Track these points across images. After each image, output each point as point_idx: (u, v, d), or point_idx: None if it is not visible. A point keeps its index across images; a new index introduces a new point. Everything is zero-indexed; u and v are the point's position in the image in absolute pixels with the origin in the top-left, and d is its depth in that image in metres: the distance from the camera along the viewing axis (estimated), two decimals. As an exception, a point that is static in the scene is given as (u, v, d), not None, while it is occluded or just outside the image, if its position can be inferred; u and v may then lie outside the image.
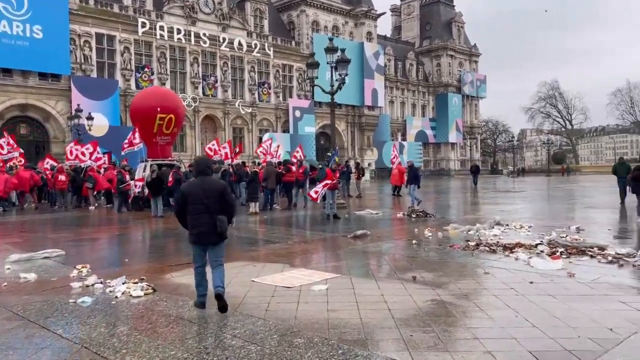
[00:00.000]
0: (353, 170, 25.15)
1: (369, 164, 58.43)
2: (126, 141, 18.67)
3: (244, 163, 17.67)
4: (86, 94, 37.92)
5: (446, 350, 4.04)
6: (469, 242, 9.36)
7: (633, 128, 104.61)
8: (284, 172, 17.41)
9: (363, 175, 25.79)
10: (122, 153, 19.28)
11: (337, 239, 11.03)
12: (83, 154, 19.37)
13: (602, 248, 8.19)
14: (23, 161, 21.34)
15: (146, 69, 43.04)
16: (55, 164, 20.56)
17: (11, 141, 20.72)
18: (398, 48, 67.68)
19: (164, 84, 43.85)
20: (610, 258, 7.53)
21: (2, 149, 20.59)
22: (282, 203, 18.66)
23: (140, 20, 42.34)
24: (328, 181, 13.73)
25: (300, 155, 20.92)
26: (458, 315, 5.02)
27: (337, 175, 14.36)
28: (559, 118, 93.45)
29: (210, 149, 19.90)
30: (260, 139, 44.82)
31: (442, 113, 70.24)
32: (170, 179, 16.04)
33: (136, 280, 6.63)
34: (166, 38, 43.90)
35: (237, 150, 21.41)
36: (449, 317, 4.96)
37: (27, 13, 35.83)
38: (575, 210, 16.89)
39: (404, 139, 64.54)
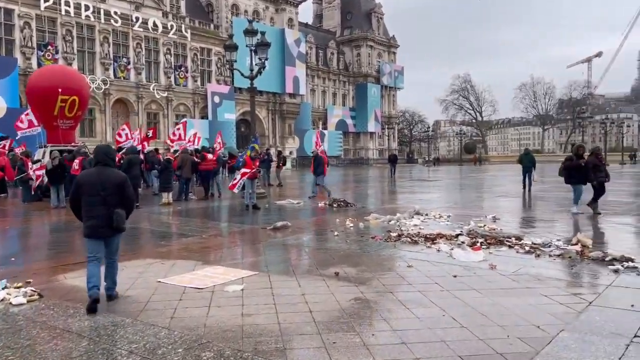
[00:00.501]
0: (274, 158, 24.58)
1: (291, 152, 58.07)
2: (19, 123, 16.83)
3: (156, 150, 16.48)
4: (-25, 71, 34.50)
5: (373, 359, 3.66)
6: (391, 233, 9.17)
7: (535, 121, 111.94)
8: (199, 160, 16.47)
9: (284, 164, 25.30)
10: (17, 137, 17.41)
11: (256, 231, 10.47)
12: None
13: (519, 238, 8.27)
14: None
15: (50, 47, 39.76)
16: None
17: None
18: (319, 36, 67.55)
19: (70, 63, 40.76)
20: (527, 248, 7.58)
21: None
22: (199, 193, 17.76)
23: (42, -7, 38.97)
24: (247, 170, 13.06)
25: (220, 143, 19.95)
26: (384, 315, 4.67)
27: (257, 163, 13.74)
28: (470, 110, 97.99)
29: (119, 134, 18.49)
30: (176, 124, 42.96)
31: (362, 103, 71.22)
32: (76, 167, 14.72)
33: (20, 284, 5.73)
34: (72, 15, 40.79)
35: (150, 135, 20.05)
36: (374, 319, 4.61)
37: None
38: (489, 199, 17.45)
39: (325, 128, 64.76)
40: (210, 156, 16.58)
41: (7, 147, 18.59)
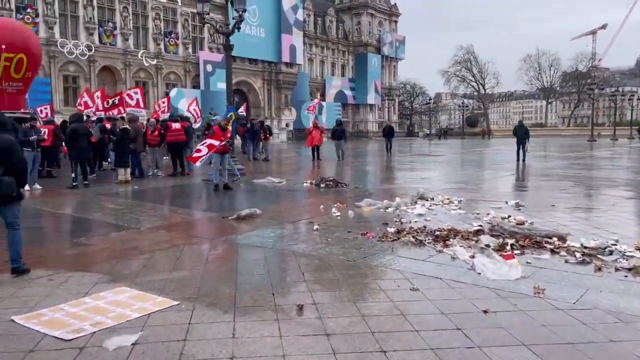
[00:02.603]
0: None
1: (287, 125, 55.65)
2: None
3: (110, 118, 14.18)
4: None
5: None
6: (388, 228, 6.97)
7: (539, 94, 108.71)
8: (163, 130, 14.12)
9: (270, 134, 22.93)
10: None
11: (213, 221, 8.25)
12: None
13: (562, 238, 6.06)
14: None
15: (29, 10, 37.00)
16: None
17: None
18: (317, 3, 64.19)
19: (51, 28, 38.24)
20: (579, 255, 5.39)
21: None
22: (167, 168, 15.52)
23: (19, -51, 36.06)
24: (214, 142, 10.73)
25: (195, 110, 17.61)
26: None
27: (228, 135, 11.46)
28: (473, 82, 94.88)
29: (80, 102, 16.27)
30: (167, 94, 40.50)
31: (362, 73, 68.33)
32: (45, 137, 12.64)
33: None
34: (53, -26, 37.90)
35: (116, 101, 17.64)
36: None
37: None
38: (501, 178, 15.18)
39: (323, 99, 62.02)
40: (175, 126, 14.22)
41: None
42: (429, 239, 6.24)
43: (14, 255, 5.08)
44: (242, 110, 26.58)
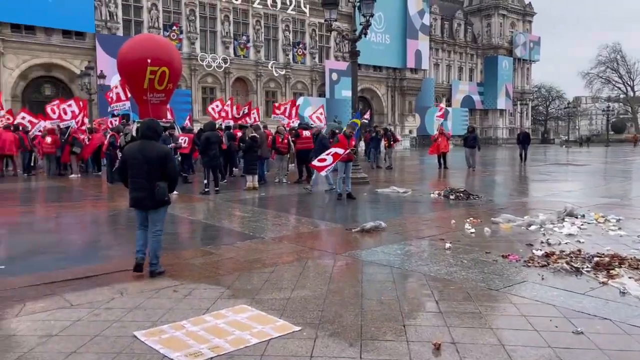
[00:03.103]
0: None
1: (410, 131, 54.60)
2: (111, 96, 15.99)
3: (241, 126, 14.56)
4: (112, 53, 35.57)
5: None
6: (534, 250, 6.10)
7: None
8: (293, 138, 14.21)
9: (395, 142, 22.17)
10: (109, 110, 16.62)
11: (337, 234, 7.92)
12: (65, 112, 16.73)
13: None
14: (12, 119, 18.83)
15: (175, 27, 40.42)
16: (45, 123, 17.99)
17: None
18: (445, 7, 62.30)
19: (193, 43, 41.37)
20: None
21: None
22: (293, 176, 15.62)
23: (168, -26, 39.54)
24: (339, 150, 10.47)
25: (317, 118, 17.65)
26: None
27: (352, 143, 11.13)
28: (619, 84, 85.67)
29: (214, 109, 17.12)
30: (294, 103, 41.74)
31: (491, 77, 64.91)
32: (185, 145, 13.45)
33: None
34: (195, -6, 41.00)
35: (245, 111, 18.32)
36: None
37: (50, -34, 33.43)
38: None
39: (449, 105, 59.88)
40: (306, 133, 14.24)
41: (110, 125, 17.86)
42: (586, 267, 5.30)
43: (154, 260, 5.38)
44: (366, 117, 26.36)
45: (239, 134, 15.32)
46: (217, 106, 17.21)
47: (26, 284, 5.09)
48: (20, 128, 18.44)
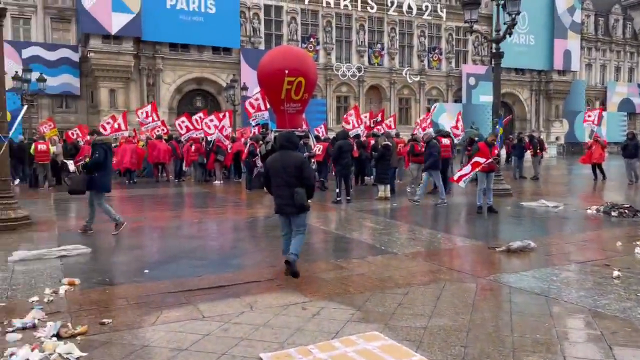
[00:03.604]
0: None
1: (557, 138, 50.23)
2: (249, 107, 16.69)
3: (374, 134, 14.16)
4: (254, 66, 37.78)
5: None
6: None
7: None
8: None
9: (541, 150, 20.06)
10: (250, 120, 17.39)
11: (478, 252, 7.20)
12: (208, 126, 17.85)
13: None
14: (166, 130, 20.64)
15: (312, 39, 41.79)
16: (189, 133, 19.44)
17: (150, 112, 20.13)
18: (600, 2, 56.46)
19: (329, 54, 42.38)
20: None
21: (147, 117, 20.18)
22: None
23: (306, -12, 41.04)
24: (480, 159, 9.66)
25: (459, 125, 16.72)
26: None
27: (495, 151, 10.20)
28: None
29: (346, 120, 17.21)
30: (428, 109, 40.68)
31: (656, 77, 57.37)
32: (319, 152, 13.65)
33: (74, 330, 3.99)
34: (332, 5, 42.05)
35: (379, 119, 18.03)
36: None
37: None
38: None
39: (604, 109, 54.04)
40: (445, 141, 13.46)
41: (248, 134, 18.74)
42: None
43: (293, 250, 5.78)
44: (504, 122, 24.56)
45: (372, 142, 15.08)
46: (350, 115, 17.17)
47: (166, 290, 5.26)
48: (174, 137, 20.12)
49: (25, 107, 11.05)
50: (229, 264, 6.52)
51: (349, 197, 12.27)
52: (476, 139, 13.53)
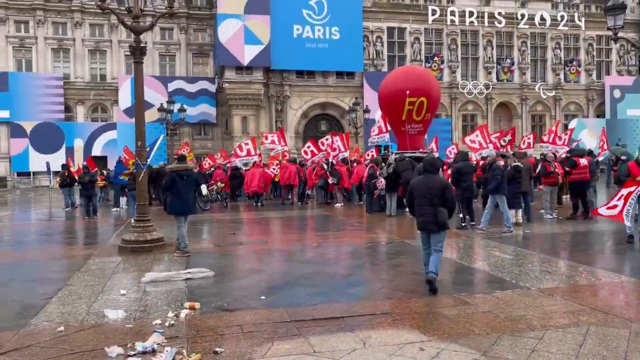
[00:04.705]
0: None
1: None
2: (372, 132, 16.62)
3: (503, 155, 13.15)
4: (376, 88, 38.02)
5: None
6: None
7: None
8: (568, 167, 12.24)
9: None
10: (369, 143, 17.26)
11: (630, 290, 6.18)
12: (332, 147, 18.03)
13: None
14: (288, 156, 21.39)
15: (436, 58, 41.12)
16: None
17: (276, 139, 20.96)
18: None
19: (454, 72, 41.41)
20: None
21: (275, 143, 21.01)
22: (564, 210, 13.53)
23: (430, 8, 40.75)
24: (630, 189, 8.37)
25: (604, 145, 14.95)
26: None
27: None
28: None
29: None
30: (566, 126, 37.55)
31: None
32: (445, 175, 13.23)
33: (188, 357, 4.00)
34: (457, 23, 41.14)
35: (509, 138, 16.82)
36: None
37: (327, 17, 37.81)
38: None
39: None
40: (583, 162, 12.10)
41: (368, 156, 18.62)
42: None
43: (432, 269, 6.18)
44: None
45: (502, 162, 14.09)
46: (476, 136, 16.27)
47: (279, 319, 5.19)
48: (298, 161, 20.69)
49: (162, 136, 11.97)
50: (344, 293, 6.31)
51: (473, 223, 11.48)
52: (623, 157, 11.98)
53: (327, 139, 19.25)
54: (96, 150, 36.13)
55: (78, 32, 37.98)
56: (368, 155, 16.47)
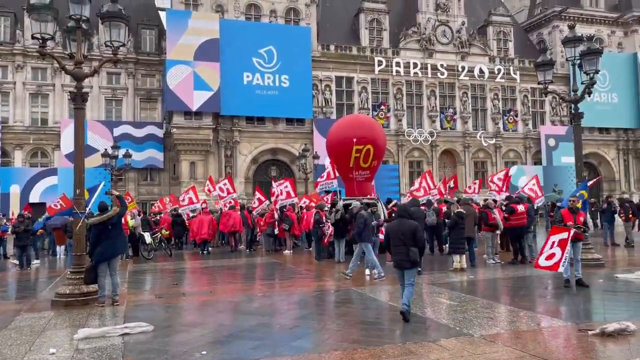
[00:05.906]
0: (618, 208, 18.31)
1: (649, 200, 46.48)
2: (323, 175, 16.81)
3: (446, 201, 13.53)
4: (326, 134, 38.60)
5: None
6: None
7: None
8: (507, 213, 12.74)
9: (635, 215, 18.09)
10: (317, 189, 17.42)
11: (567, 335, 6.35)
12: (281, 192, 18.03)
13: None
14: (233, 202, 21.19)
15: (382, 106, 42.42)
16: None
17: (228, 185, 20.82)
18: (688, 54, 53.33)
19: (400, 120, 42.70)
20: None
21: (223, 191, 20.84)
22: (504, 256, 13.93)
23: (376, 59, 42.34)
24: (560, 236, 8.71)
25: (529, 190, 15.74)
26: None
27: (580, 218, 9.33)
28: None
29: (417, 189, 16.89)
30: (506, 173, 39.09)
31: None
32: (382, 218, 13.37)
33: None
34: (402, 73, 42.83)
35: (451, 185, 17.43)
36: None
37: (276, 65, 38.50)
38: None
39: None
40: (520, 208, 12.62)
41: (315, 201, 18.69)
42: None
43: (405, 301, 7.11)
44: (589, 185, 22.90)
45: (444, 208, 14.47)
46: (419, 183, 16.76)
47: (219, 375, 4.97)
48: (246, 207, 20.48)
49: (102, 183, 11.59)
50: (289, 346, 6.15)
51: (419, 269, 11.61)
52: (558, 204, 12.57)
53: (281, 183, 19.17)
54: (34, 197, 34.49)
55: (19, 76, 36.92)
56: (327, 201, 16.62)
